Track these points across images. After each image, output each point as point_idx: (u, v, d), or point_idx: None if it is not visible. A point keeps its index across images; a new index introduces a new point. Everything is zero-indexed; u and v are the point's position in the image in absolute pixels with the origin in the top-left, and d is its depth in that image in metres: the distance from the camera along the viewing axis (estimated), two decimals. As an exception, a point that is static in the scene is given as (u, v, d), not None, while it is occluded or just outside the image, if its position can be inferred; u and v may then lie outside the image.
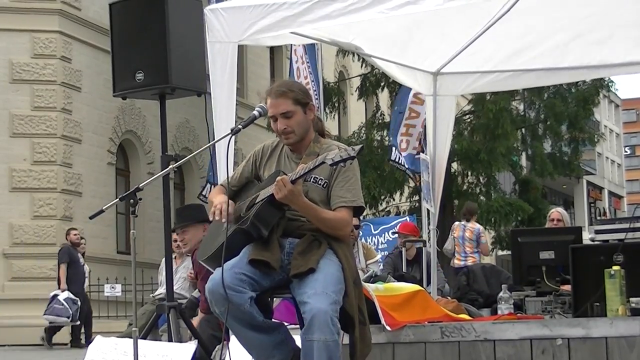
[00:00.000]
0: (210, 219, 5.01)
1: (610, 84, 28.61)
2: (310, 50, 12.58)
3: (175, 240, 9.98)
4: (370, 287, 5.86)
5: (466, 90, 9.47)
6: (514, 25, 7.61)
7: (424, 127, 11.90)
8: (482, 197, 24.33)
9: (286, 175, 4.74)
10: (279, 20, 6.23)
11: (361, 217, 12.62)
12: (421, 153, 11.45)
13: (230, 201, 4.96)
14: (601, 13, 7.36)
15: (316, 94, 12.17)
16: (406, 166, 15.31)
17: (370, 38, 7.54)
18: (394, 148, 15.69)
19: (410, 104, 15.04)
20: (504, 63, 8.43)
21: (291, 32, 6.64)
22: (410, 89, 13.21)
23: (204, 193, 17.61)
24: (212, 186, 14.68)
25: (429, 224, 10.21)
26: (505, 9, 7.45)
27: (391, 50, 8.01)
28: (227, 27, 6.47)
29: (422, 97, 14.30)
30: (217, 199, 5.03)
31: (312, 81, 12.50)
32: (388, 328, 5.73)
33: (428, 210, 10.11)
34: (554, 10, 7.50)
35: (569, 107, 24.70)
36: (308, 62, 12.66)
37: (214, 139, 6.45)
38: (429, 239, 10.08)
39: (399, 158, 15.39)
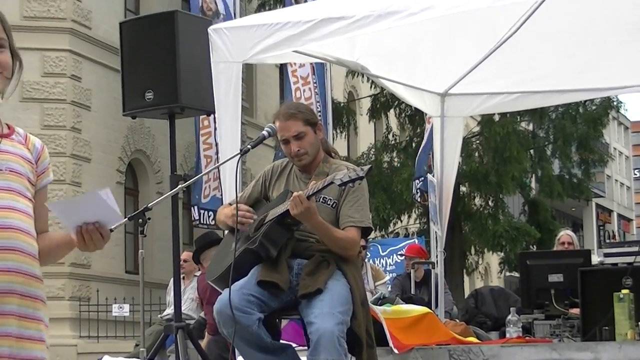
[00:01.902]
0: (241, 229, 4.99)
1: (619, 104, 28.59)
2: (319, 69, 12.59)
3: (186, 261, 10.02)
4: (378, 310, 5.85)
5: (474, 112, 9.47)
6: (521, 46, 7.61)
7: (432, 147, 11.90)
8: (489, 221, 24.26)
9: (301, 192, 4.73)
10: (283, 39, 6.22)
11: (369, 238, 12.60)
12: (428, 174, 11.43)
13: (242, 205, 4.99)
14: (609, 36, 7.36)
15: (321, 114, 12.17)
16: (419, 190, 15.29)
17: (376, 57, 7.54)
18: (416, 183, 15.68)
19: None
20: (512, 84, 8.42)
21: (294, 51, 6.64)
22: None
23: (196, 218, 15.11)
24: (204, 211, 14.43)
25: (437, 246, 10.18)
26: (511, 32, 7.46)
27: (397, 70, 8.01)
28: (231, 47, 6.47)
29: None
30: (225, 212, 5.07)
31: (318, 102, 12.50)
32: (396, 351, 5.70)
33: (437, 232, 10.08)
34: (560, 32, 7.50)
35: (578, 128, 24.69)
36: (315, 82, 12.66)
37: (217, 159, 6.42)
38: (437, 261, 10.04)
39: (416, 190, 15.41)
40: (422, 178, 14.75)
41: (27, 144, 3.06)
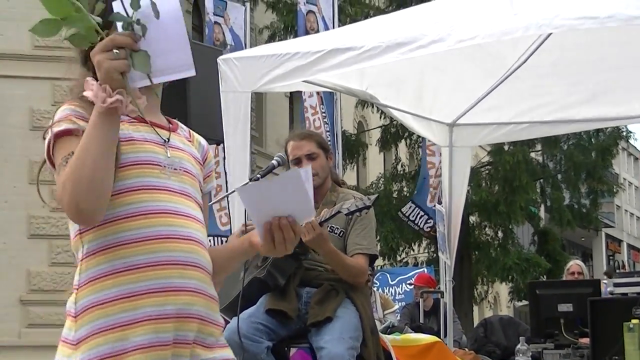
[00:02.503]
0: None
1: (629, 134, 28.54)
2: (328, 99, 12.59)
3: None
4: (387, 338, 5.84)
5: (482, 142, 9.46)
6: (530, 76, 7.63)
7: (440, 177, 11.93)
8: (499, 250, 24.17)
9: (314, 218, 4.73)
10: (292, 69, 6.22)
11: (377, 267, 12.60)
12: (437, 204, 11.44)
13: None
14: (618, 66, 7.37)
15: (331, 144, 12.17)
16: (421, 220, 15.32)
17: (384, 86, 7.56)
18: (413, 205, 15.75)
19: (427, 161, 15.32)
20: (521, 114, 8.43)
21: (304, 81, 6.65)
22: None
23: None
24: (226, 239, 14.43)
25: (445, 275, 10.17)
26: (520, 61, 7.48)
27: (406, 99, 8.02)
28: (240, 77, 6.49)
29: (434, 149, 14.52)
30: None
31: (328, 132, 12.51)
32: (404, 379, 5.69)
33: (445, 262, 10.07)
34: (568, 62, 7.52)
35: (588, 158, 24.65)
36: (324, 112, 12.67)
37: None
38: (446, 291, 10.03)
39: (413, 213, 15.46)
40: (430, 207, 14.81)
41: (192, 140, 2.71)
